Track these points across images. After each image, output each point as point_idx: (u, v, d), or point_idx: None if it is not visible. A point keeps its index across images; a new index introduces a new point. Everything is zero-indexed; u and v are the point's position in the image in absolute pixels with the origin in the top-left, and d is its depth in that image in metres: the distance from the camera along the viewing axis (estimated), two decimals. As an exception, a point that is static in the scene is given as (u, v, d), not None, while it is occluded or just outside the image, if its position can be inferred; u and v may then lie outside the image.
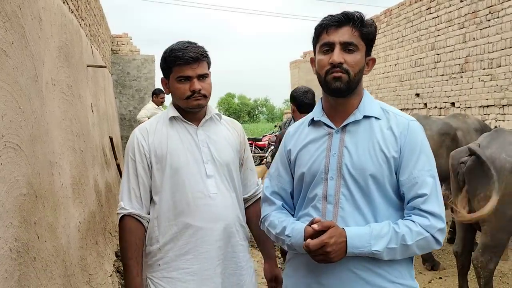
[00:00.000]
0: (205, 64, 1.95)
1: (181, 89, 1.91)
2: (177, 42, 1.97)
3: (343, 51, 1.52)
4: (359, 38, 1.54)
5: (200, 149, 1.94)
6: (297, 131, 1.72)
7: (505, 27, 6.85)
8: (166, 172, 1.91)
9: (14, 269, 1.74)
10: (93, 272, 3.32)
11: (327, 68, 1.53)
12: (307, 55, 16.07)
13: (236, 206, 2.01)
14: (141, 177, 1.92)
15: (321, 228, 1.43)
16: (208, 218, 1.90)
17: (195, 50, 1.90)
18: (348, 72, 1.52)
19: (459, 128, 5.35)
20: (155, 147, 1.93)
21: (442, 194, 1.55)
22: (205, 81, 1.93)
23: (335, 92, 1.54)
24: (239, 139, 2.10)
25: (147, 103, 12.19)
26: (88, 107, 4.59)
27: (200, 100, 1.91)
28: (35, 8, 2.52)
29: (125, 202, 1.92)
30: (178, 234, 1.89)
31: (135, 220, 1.91)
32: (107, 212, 4.75)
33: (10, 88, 1.92)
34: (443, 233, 1.50)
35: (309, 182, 1.60)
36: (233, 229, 1.97)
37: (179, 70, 1.90)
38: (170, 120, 1.98)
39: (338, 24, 1.54)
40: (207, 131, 1.99)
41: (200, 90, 1.90)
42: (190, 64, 1.88)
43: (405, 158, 1.51)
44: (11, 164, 1.85)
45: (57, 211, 2.58)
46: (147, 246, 1.94)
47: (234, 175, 2.03)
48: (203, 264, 1.89)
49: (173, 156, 1.91)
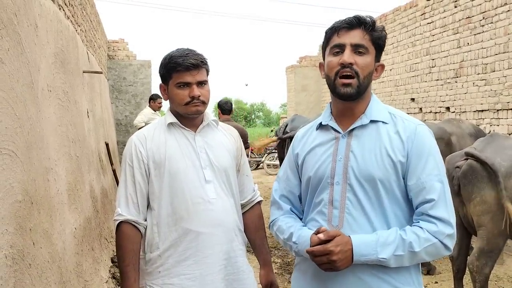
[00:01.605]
0: (204, 71, 1.97)
1: (180, 95, 1.93)
2: (177, 49, 1.98)
3: (353, 53, 1.52)
4: (369, 41, 1.55)
5: (198, 155, 1.95)
6: (305, 135, 1.72)
7: (499, 32, 6.91)
8: (165, 178, 1.91)
9: (9, 276, 1.74)
10: (89, 279, 3.31)
11: (336, 69, 1.53)
12: (303, 60, 16.11)
13: (235, 211, 2.02)
14: (139, 183, 1.92)
15: (327, 238, 1.43)
16: (208, 223, 1.90)
17: (195, 57, 1.93)
18: (358, 74, 1.52)
19: (453, 133, 5.37)
20: (153, 153, 1.93)
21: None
22: (204, 87, 1.95)
23: (344, 98, 1.55)
24: (235, 145, 2.12)
25: (144, 108, 12.24)
26: (84, 113, 4.59)
27: (199, 106, 1.93)
28: (31, 15, 2.53)
29: (122, 209, 1.92)
30: (178, 240, 1.89)
31: (132, 227, 1.90)
32: (103, 218, 4.73)
33: (6, 95, 1.93)
34: (453, 238, 1.48)
35: (315, 187, 1.60)
36: (232, 234, 1.98)
37: (179, 76, 1.92)
38: (168, 127, 1.98)
39: (350, 26, 1.54)
40: (204, 137, 2.01)
41: (199, 96, 1.92)
42: (190, 70, 1.91)
43: (412, 163, 1.50)
44: (7, 171, 1.85)
45: (53, 217, 2.57)
46: (146, 253, 1.93)
47: (232, 180, 2.04)
48: (204, 269, 1.89)
49: (171, 162, 1.91)
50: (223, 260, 1.93)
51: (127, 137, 12.25)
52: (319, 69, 1.68)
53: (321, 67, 1.66)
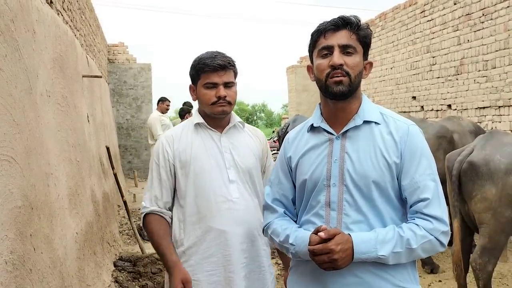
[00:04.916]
0: (232, 73, 2.04)
1: (208, 95, 2.00)
2: (207, 52, 2.07)
3: (342, 54, 1.52)
4: (356, 41, 1.55)
5: (223, 155, 2.03)
6: (296, 137, 1.71)
7: (499, 28, 6.89)
8: (190, 177, 2.00)
9: (10, 282, 1.74)
10: (91, 283, 3.31)
11: (327, 71, 1.53)
12: (304, 60, 16.10)
13: (259, 211, 2.06)
14: (164, 180, 2.03)
15: (327, 236, 1.43)
16: (230, 221, 1.97)
17: (223, 59, 2.00)
18: (349, 74, 1.52)
19: (455, 130, 5.36)
20: (180, 153, 2.03)
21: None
22: (230, 89, 2.02)
23: (337, 96, 1.54)
24: (261, 147, 2.18)
25: (143, 110, 12.26)
26: (84, 117, 4.60)
27: (225, 106, 2.00)
28: (29, 21, 2.53)
29: (146, 202, 2.04)
30: (202, 237, 1.97)
31: (158, 216, 2.01)
32: (105, 222, 4.74)
33: (4, 101, 1.93)
34: (447, 235, 1.51)
35: (311, 189, 1.60)
36: (255, 233, 2.03)
37: (207, 77, 1.99)
38: (195, 127, 2.07)
39: (336, 27, 1.55)
40: (230, 138, 2.08)
41: (226, 96, 1.99)
42: (218, 71, 1.98)
43: (406, 163, 1.52)
44: (6, 177, 1.86)
45: (54, 222, 2.58)
46: (184, 240, 2.02)
47: (256, 181, 2.10)
48: (226, 266, 1.95)
49: (196, 162, 2.01)
50: (244, 259, 1.98)
51: (129, 141, 12.30)
52: (308, 72, 1.67)
53: (309, 70, 1.66)
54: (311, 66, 1.64)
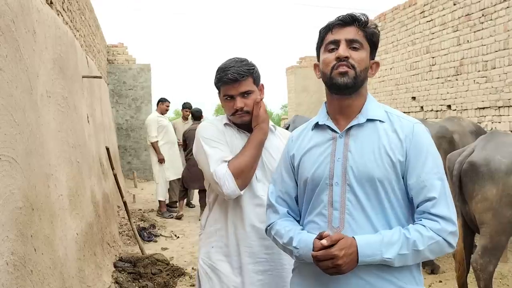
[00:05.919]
0: (249, 80, 2.05)
1: (227, 106, 2.08)
2: (226, 60, 2.09)
3: (348, 48, 1.53)
4: (363, 38, 1.55)
5: None
6: (300, 135, 1.70)
7: (499, 29, 6.90)
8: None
9: (10, 283, 1.73)
10: (91, 284, 3.31)
11: (333, 63, 1.52)
12: (303, 60, 16.10)
13: None
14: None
15: (330, 243, 1.41)
16: (254, 216, 2.03)
17: (235, 70, 2.01)
18: (354, 67, 1.51)
19: (455, 131, 5.36)
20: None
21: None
22: (248, 97, 2.05)
23: (341, 88, 1.53)
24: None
25: (143, 112, 12.23)
26: (84, 118, 4.59)
27: (244, 117, 2.05)
28: (29, 21, 2.53)
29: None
30: (228, 226, 2.06)
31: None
32: (105, 222, 4.73)
33: (4, 102, 1.93)
34: (455, 235, 1.47)
35: (313, 188, 1.58)
36: None
37: (225, 89, 2.06)
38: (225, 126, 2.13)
39: (343, 23, 1.55)
40: None
41: (243, 107, 2.02)
42: (232, 83, 2.01)
43: (411, 162, 1.49)
44: (7, 178, 1.85)
45: (54, 223, 2.57)
46: (206, 227, 2.14)
47: None
48: (245, 258, 2.02)
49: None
50: (264, 254, 2.03)
51: (128, 142, 12.28)
52: (314, 70, 1.67)
53: (316, 68, 1.65)
54: (317, 64, 1.64)
